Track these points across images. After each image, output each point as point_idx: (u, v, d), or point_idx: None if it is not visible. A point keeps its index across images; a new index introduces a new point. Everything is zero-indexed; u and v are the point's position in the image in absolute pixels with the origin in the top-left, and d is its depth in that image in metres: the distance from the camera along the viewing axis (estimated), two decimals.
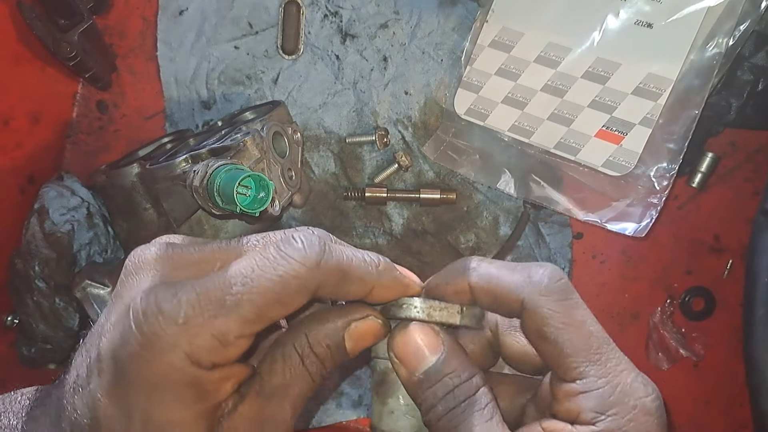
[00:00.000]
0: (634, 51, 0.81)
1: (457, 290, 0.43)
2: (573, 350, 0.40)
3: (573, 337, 0.40)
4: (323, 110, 0.91)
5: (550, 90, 0.84)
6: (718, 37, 0.82)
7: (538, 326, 0.40)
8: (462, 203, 0.92)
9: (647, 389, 0.40)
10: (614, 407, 0.39)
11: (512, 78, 0.86)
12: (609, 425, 0.39)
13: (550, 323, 0.40)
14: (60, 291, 0.81)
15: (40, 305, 0.81)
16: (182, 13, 0.92)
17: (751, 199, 0.91)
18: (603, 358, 0.40)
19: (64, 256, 0.81)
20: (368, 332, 0.43)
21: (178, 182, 0.73)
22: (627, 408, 0.39)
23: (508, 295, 0.41)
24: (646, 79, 0.82)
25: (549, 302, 0.40)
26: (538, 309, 0.40)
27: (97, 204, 0.85)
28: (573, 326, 0.40)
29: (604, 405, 0.39)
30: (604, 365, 0.40)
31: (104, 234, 0.85)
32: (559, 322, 0.40)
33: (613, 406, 0.39)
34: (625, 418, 0.39)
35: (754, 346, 0.70)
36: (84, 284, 0.77)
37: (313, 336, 0.42)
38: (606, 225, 0.90)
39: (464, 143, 0.90)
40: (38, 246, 0.81)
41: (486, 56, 0.87)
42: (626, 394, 0.39)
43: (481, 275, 0.42)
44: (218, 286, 0.37)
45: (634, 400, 0.39)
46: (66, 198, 0.83)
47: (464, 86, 0.88)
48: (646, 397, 0.39)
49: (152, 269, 0.40)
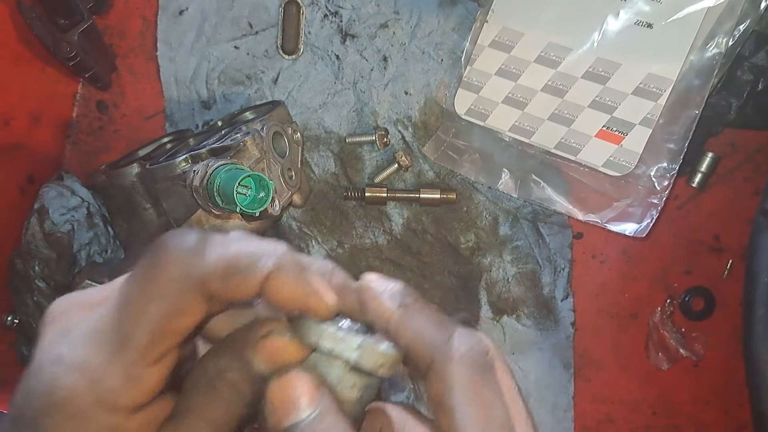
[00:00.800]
0: (634, 51, 0.81)
1: (377, 315, 0.38)
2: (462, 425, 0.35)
3: (472, 417, 0.35)
4: (323, 110, 0.91)
5: (550, 90, 0.84)
6: (718, 37, 0.82)
7: (439, 393, 0.36)
8: (462, 203, 0.92)
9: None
10: None
11: (512, 78, 0.86)
12: None
13: (453, 395, 0.35)
14: (60, 291, 0.81)
15: (40, 305, 0.81)
16: (182, 13, 0.92)
17: (751, 198, 0.91)
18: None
19: (64, 256, 0.81)
20: (277, 351, 0.37)
21: (178, 182, 0.73)
22: None
23: (421, 348, 0.37)
24: (646, 79, 0.82)
25: (460, 372, 0.36)
26: (445, 375, 0.36)
27: (97, 204, 0.85)
28: (475, 406, 0.35)
29: None
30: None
31: (104, 234, 0.85)
32: (462, 396, 0.35)
33: None
34: None
35: (754, 345, 0.70)
36: (84, 284, 0.77)
37: (224, 360, 0.37)
38: (606, 225, 0.90)
39: (464, 143, 0.90)
40: (38, 246, 0.81)
41: (486, 56, 0.87)
42: None
43: (405, 316, 0.37)
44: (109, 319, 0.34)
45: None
46: (66, 198, 0.83)
47: (464, 86, 0.88)
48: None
49: (55, 322, 0.37)
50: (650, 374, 0.94)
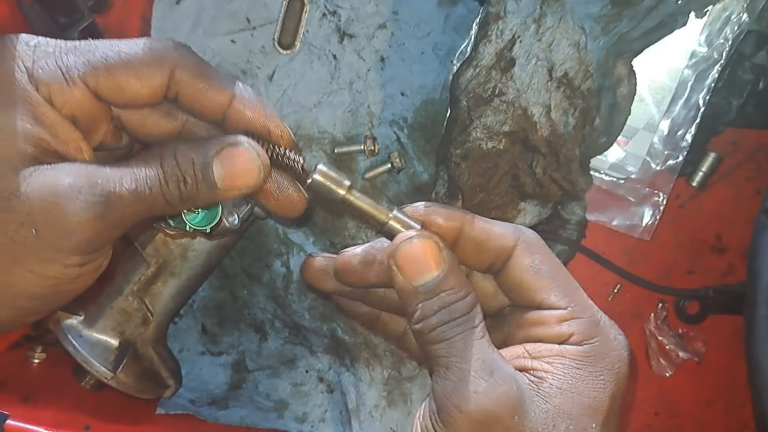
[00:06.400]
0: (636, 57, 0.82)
1: (449, 217, 0.47)
2: (563, 282, 0.45)
3: (561, 274, 0.46)
4: (318, 109, 0.90)
5: None
6: (718, 37, 0.82)
7: (533, 262, 0.46)
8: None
9: (620, 330, 0.46)
10: (598, 336, 0.44)
11: None
12: (595, 349, 0.43)
13: (545, 260, 0.46)
14: None
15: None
16: (179, 3, 0.91)
17: (752, 197, 0.91)
18: (583, 296, 0.46)
19: None
20: (241, 162, 0.41)
21: None
22: (608, 339, 0.44)
23: (502, 237, 0.46)
24: (648, 82, 0.83)
25: (541, 247, 0.47)
26: (533, 248, 0.46)
27: None
28: (560, 268, 0.46)
29: (590, 332, 0.44)
30: (586, 301, 0.45)
31: None
32: (551, 260, 0.46)
33: (597, 334, 0.44)
34: (608, 346, 0.44)
35: (756, 345, 0.69)
36: (56, 315, 0.76)
37: (182, 146, 0.41)
38: (612, 226, 0.90)
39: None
40: None
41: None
42: (607, 327, 0.45)
43: (477, 219, 0.47)
44: (79, 41, 0.40)
45: (613, 334, 0.45)
46: None
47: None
48: (621, 335, 0.45)
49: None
50: (652, 374, 0.94)
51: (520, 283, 0.46)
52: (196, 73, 0.42)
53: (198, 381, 0.93)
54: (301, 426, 0.90)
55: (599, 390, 0.42)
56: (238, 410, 0.90)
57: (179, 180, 0.40)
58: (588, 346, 0.43)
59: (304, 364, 0.93)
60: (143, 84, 0.41)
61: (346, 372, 0.91)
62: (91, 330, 0.77)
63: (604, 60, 0.74)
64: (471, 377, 0.41)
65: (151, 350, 0.81)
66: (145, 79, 0.41)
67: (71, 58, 0.40)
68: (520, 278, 0.46)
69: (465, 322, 0.43)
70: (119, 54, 0.40)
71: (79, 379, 0.79)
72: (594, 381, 0.42)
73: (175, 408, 0.87)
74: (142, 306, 0.79)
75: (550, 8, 0.71)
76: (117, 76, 0.40)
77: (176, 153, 0.41)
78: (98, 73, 0.40)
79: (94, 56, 0.40)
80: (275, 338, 0.93)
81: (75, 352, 0.75)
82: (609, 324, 0.45)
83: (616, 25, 0.73)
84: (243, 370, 0.93)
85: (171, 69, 0.41)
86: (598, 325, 0.44)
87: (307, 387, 0.92)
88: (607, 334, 0.44)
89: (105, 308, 0.78)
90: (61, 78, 0.39)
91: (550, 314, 0.45)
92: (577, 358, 0.43)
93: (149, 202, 0.40)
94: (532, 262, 0.46)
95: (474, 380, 0.41)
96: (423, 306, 0.43)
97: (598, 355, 0.43)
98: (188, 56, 0.42)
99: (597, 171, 0.88)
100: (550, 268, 0.46)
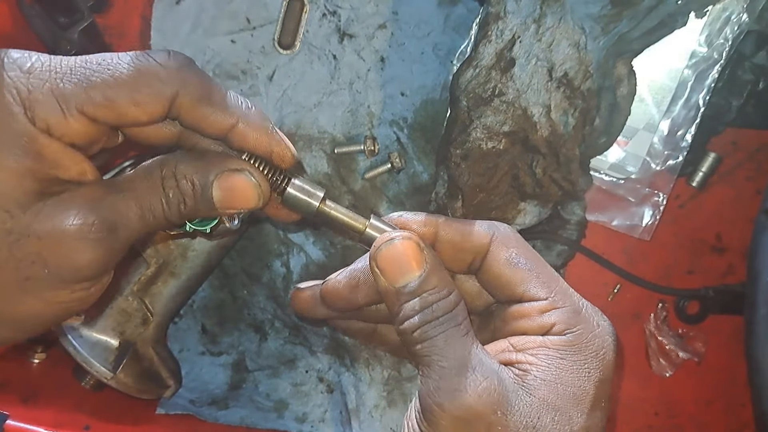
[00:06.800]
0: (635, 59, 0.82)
1: (423, 222, 0.48)
2: (542, 273, 0.46)
3: (539, 264, 0.46)
4: (318, 109, 0.90)
5: None
6: (718, 37, 0.82)
7: (509, 255, 0.46)
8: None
9: (603, 315, 0.46)
10: (580, 324, 0.44)
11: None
12: (578, 337, 0.43)
13: (521, 252, 0.46)
14: None
15: None
16: (179, 3, 0.91)
17: (752, 197, 0.91)
18: (564, 285, 0.46)
19: None
20: (240, 189, 0.43)
21: None
22: (591, 326, 0.44)
23: (476, 235, 0.47)
24: (648, 82, 0.83)
25: (516, 240, 0.47)
26: (508, 242, 0.47)
27: None
28: (537, 259, 0.47)
29: (572, 321, 0.44)
30: (567, 290, 0.46)
31: None
32: (527, 252, 0.47)
33: (579, 323, 0.44)
34: (591, 333, 0.44)
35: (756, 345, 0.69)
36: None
37: (182, 167, 0.42)
38: (612, 226, 0.90)
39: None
40: None
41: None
42: (589, 315, 0.45)
43: (451, 221, 0.48)
44: (75, 61, 0.39)
45: (596, 320, 0.45)
46: None
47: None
48: (604, 321, 0.45)
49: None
50: (652, 375, 0.94)
51: (499, 277, 0.47)
52: (199, 99, 0.41)
53: (198, 381, 0.93)
54: (301, 426, 0.90)
55: (584, 378, 0.43)
56: (238, 410, 0.90)
57: (180, 202, 0.42)
58: (570, 335, 0.44)
59: (304, 364, 0.93)
60: (142, 111, 0.40)
61: (346, 372, 0.91)
62: (91, 330, 0.77)
63: (604, 60, 0.74)
64: (452, 375, 0.41)
65: (151, 350, 0.81)
66: (145, 106, 0.40)
67: (68, 86, 0.38)
68: (499, 273, 0.46)
69: (448, 320, 0.43)
70: (118, 81, 0.39)
71: (79, 379, 0.79)
72: (578, 370, 0.43)
73: (175, 408, 0.87)
74: (142, 306, 0.79)
75: (550, 8, 0.71)
76: (116, 106, 0.39)
77: (176, 173, 0.42)
78: (96, 102, 0.39)
79: (91, 83, 0.38)
80: (275, 338, 0.93)
81: (75, 352, 0.75)
82: (591, 311, 0.45)
83: (616, 25, 0.73)
84: (243, 370, 0.93)
85: (173, 96, 0.40)
86: (580, 314, 0.45)
87: (307, 387, 0.92)
88: (589, 322, 0.44)
89: (105, 308, 0.78)
90: (59, 111, 0.38)
91: (531, 306, 0.45)
92: (560, 348, 0.43)
93: (152, 225, 0.42)
94: (508, 256, 0.46)
95: (455, 378, 0.41)
96: (406, 307, 0.43)
97: (581, 344, 0.43)
98: (192, 78, 0.41)
99: (597, 171, 0.88)
100: (527, 260, 0.46)
